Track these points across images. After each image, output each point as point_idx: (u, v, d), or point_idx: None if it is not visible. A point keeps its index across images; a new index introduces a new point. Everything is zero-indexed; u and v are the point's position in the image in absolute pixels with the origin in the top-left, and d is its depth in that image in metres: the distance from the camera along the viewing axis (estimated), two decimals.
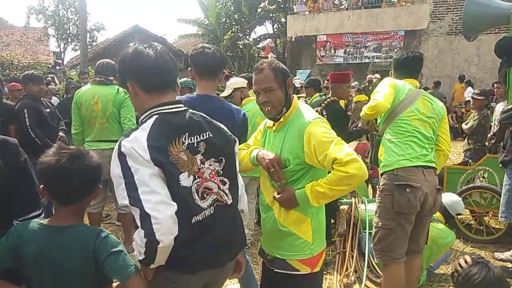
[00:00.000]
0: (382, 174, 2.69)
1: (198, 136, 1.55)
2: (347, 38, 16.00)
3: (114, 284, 1.55)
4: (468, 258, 2.04)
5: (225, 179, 1.62)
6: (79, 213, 1.54)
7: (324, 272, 3.62)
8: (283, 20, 20.66)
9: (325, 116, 3.98)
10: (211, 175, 1.56)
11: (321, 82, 7.19)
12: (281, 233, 1.94)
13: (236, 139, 1.78)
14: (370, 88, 9.91)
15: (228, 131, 1.74)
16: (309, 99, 6.02)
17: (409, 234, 2.62)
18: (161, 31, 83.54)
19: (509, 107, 3.73)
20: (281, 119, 1.97)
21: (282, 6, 21.54)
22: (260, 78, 1.93)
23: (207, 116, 1.67)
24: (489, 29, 5.90)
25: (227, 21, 22.34)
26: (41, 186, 1.49)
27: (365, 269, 3.26)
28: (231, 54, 20.11)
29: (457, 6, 13.67)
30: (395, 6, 15.19)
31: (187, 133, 1.51)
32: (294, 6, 19.18)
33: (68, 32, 30.69)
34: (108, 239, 1.47)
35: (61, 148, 1.49)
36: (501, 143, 4.04)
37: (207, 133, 1.59)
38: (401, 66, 2.83)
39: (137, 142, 1.38)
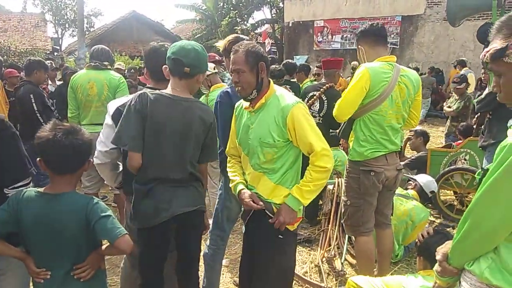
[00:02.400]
0: (348, 159, 2.86)
1: None
2: (344, 23, 16.01)
3: (104, 247, 1.75)
4: (430, 229, 2.23)
5: None
6: (72, 182, 1.71)
7: (309, 249, 3.84)
8: (281, 5, 20.57)
9: (325, 100, 4.16)
10: None
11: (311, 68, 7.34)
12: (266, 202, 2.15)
13: None
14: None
15: None
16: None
17: (374, 209, 2.84)
18: (159, 16, 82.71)
19: (483, 96, 3.88)
20: (263, 100, 2.09)
21: None
22: (234, 59, 2.07)
23: None
24: (473, 15, 6.00)
25: (225, 6, 22.23)
26: (38, 158, 1.67)
27: (345, 244, 3.46)
28: None
29: None
30: None
31: None
32: None
33: (65, 17, 30.53)
34: (99, 204, 1.66)
35: (56, 125, 1.67)
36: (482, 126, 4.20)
37: None
38: (369, 33, 2.77)
39: None
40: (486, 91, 4.39)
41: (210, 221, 2.69)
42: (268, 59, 2.17)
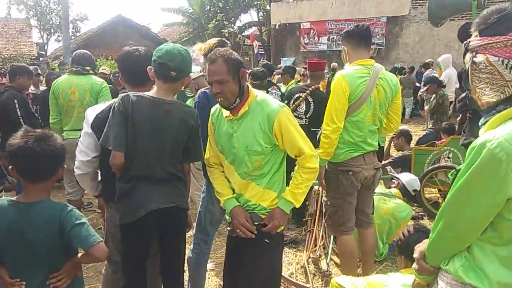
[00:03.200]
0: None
1: None
2: (330, 25, 16.14)
3: (79, 255, 1.72)
4: (411, 227, 2.25)
5: None
6: (45, 190, 1.69)
7: (295, 250, 3.85)
8: (267, 7, 20.66)
9: (311, 102, 4.18)
10: None
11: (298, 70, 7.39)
12: (254, 206, 2.13)
13: None
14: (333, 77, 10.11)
15: None
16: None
17: (354, 209, 2.86)
18: (146, 20, 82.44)
19: (463, 95, 3.93)
20: (246, 108, 2.05)
21: None
22: (213, 69, 1.97)
23: None
24: (454, 15, 6.10)
25: (212, 9, 22.27)
26: (10, 166, 1.64)
27: (330, 244, 3.47)
28: None
29: None
30: None
31: None
32: None
33: (51, 23, 30.20)
34: (73, 212, 1.64)
35: (27, 131, 1.65)
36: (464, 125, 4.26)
37: None
38: (353, 34, 2.78)
39: None
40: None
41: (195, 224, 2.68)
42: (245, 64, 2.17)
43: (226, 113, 2.11)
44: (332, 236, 3.51)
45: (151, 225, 2.15)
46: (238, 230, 2.10)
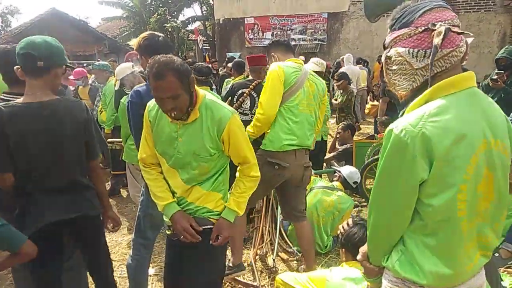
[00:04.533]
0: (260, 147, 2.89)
1: None
2: (273, 20, 16.24)
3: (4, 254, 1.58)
4: (350, 220, 2.28)
5: None
6: None
7: (242, 248, 3.81)
8: (211, 1, 20.41)
9: (256, 97, 4.12)
10: None
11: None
12: (198, 209, 2.03)
13: None
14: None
15: None
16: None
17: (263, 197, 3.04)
18: (83, 14, 78.40)
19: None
20: (197, 114, 1.91)
21: None
22: (163, 86, 1.76)
23: None
24: (389, 11, 6.34)
25: (153, 3, 21.62)
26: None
27: (276, 239, 3.47)
28: None
29: None
30: None
31: None
32: None
33: None
34: None
35: None
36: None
37: None
38: (281, 43, 3.13)
39: None
40: None
41: None
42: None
43: (169, 117, 1.93)
44: (278, 231, 3.51)
45: (55, 237, 2.02)
46: (182, 236, 1.99)
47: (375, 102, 8.81)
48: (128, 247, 3.90)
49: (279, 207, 3.69)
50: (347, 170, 3.99)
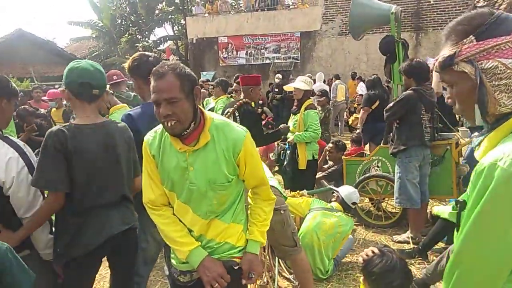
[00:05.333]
0: None
1: None
2: (247, 39, 16.32)
3: None
4: (375, 249, 2.11)
5: None
6: None
7: None
8: (183, 22, 20.37)
9: (238, 117, 3.95)
10: None
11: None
12: (219, 246, 1.79)
13: None
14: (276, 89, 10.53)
15: None
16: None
17: None
18: (51, 35, 76.59)
19: (391, 105, 4.04)
20: (208, 137, 1.68)
21: (181, 8, 21.24)
22: (162, 85, 1.57)
23: None
24: (373, 28, 6.43)
25: (123, 23, 21.39)
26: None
27: (276, 268, 3.28)
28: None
29: (346, 8, 14.71)
30: (290, 9, 15.92)
31: None
32: (192, 8, 19.00)
33: None
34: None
35: None
36: (390, 134, 4.39)
37: None
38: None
39: None
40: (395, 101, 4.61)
41: None
42: None
43: (177, 145, 1.68)
44: (277, 260, 3.32)
45: (105, 252, 2.11)
46: (216, 285, 1.69)
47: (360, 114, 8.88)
48: None
49: None
50: (346, 191, 3.85)
